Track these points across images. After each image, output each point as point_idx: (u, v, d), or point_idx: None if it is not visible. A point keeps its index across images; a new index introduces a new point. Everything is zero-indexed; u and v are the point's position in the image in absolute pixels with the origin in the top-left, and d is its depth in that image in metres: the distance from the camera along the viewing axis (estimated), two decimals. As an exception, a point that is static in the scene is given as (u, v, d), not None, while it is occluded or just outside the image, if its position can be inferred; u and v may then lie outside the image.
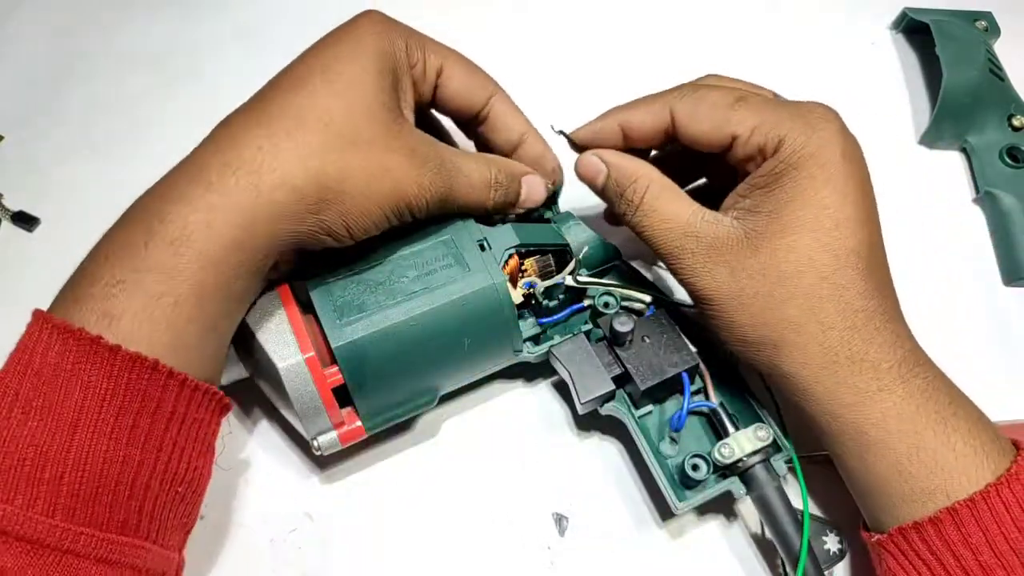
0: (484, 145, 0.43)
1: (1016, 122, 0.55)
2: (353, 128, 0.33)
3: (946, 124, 0.55)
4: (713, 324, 0.37)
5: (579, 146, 0.41)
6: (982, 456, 0.31)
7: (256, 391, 0.42)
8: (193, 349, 0.32)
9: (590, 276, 0.42)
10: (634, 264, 0.44)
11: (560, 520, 0.41)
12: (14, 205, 0.53)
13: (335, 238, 0.34)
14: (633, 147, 0.40)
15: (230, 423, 0.43)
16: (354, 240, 0.35)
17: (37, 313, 0.31)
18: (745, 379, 0.40)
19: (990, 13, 0.60)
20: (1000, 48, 0.58)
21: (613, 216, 0.42)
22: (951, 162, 0.56)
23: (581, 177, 0.40)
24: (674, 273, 0.37)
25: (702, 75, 0.43)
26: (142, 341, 0.30)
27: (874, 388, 0.32)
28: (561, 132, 0.42)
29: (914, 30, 0.61)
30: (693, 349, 0.39)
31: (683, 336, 0.40)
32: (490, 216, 0.41)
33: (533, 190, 0.41)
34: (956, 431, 0.32)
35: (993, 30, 0.59)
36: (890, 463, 0.32)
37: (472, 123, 0.42)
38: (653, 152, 0.43)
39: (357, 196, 0.33)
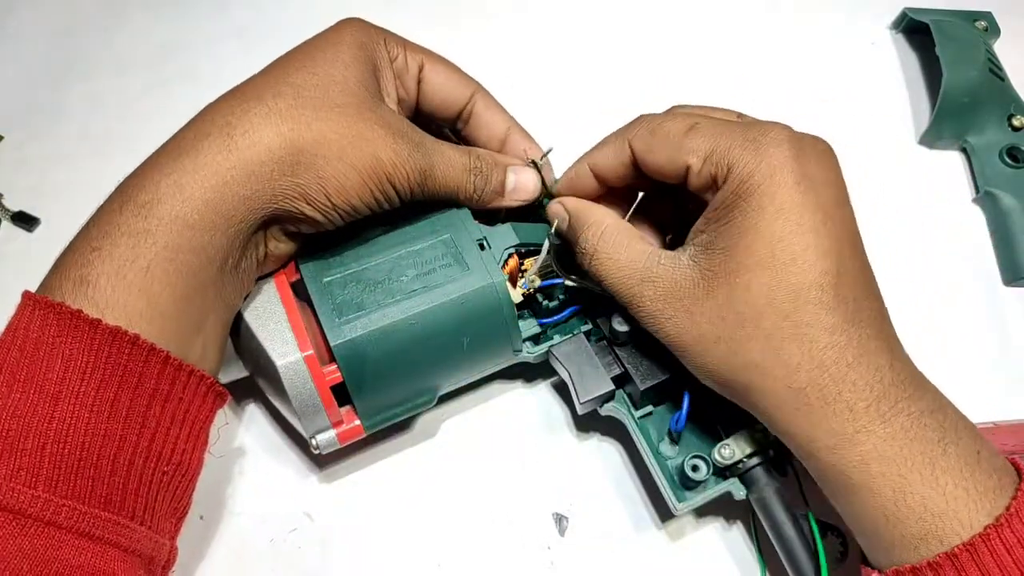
0: (470, 145, 0.43)
1: (1016, 122, 0.55)
2: (327, 96, 0.34)
3: (946, 124, 0.55)
4: (684, 365, 0.35)
5: (563, 198, 0.41)
6: (975, 497, 0.29)
7: (256, 390, 0.42)
8: (170, 319, 0.32)
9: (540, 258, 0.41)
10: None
11: (560, 520, 0.41)
12: (14, 205, 0.53)
13: (315, 206, 0.34)
14: (612, 187, 0.40)
15: (227, 416, 0.43)
16: (338, 212, 0.35)
17: (26, 292, 0.32)
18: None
19: (990, 13, 0.60)
20: (1000, 48, 0.58)
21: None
22: (951, 162, 0.56)
23: (550, 221, 0.40)
24: (637, 320, 0.36)
25: (680, 101, 0.42)
26: (116, 306, 0.30)
27: (851, 430, 0.30)
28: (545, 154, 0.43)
29: (914, 30, 0.61)
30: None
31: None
32: (494, 215, 0.41)
33: (523, 180, 0.41)
34: (946, 472, 0.29)
35: (993, 30, 0.59)
36: (876, 508, 0.30)
37: (456, 122, 0.42)
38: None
39: (333, 160, 0.34)
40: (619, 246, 0.36)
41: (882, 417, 0.30)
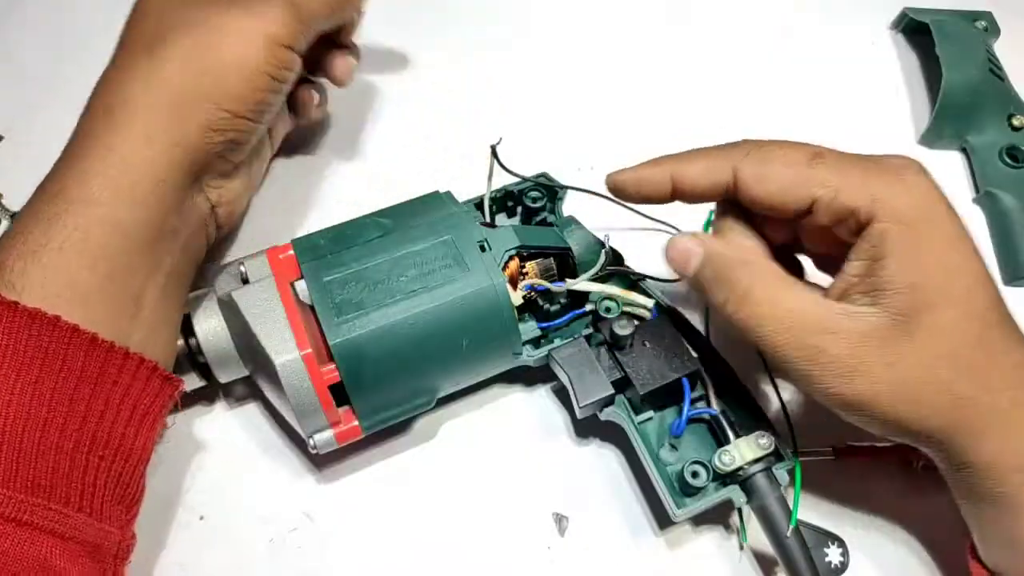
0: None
1: (1016, 122, 0.55)
2: (184, 22, 0.36)
3: (946, 124, 0.55)
4: (857, 423, 0.32)
5: (618, 189, 0.38)
6: None
7: (256, 389, 0.42)
8: (95, 300, 0.32)
9: (591, 280, 0.42)
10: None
11: (560, 520, 0.41)
12: (14, 205, 0.53)
13: (224, 130, 0.36)
14: (680, 200, 0.37)
15: (220, 411, 0.43)
16: (250, 118, 0.37)
17: None
18: (747, 386, 0.40)
19: (990, 13, 0.60)
20: (1000, 48, 0.58)
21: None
22: (951, 162, 0.56)
23: (672, 261, 0.36)
24: (802, 380, 0.32)
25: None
26: (33, 288, 0.31)
27: None
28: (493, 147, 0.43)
29: (914, 30, 0.61)
30: (694, 354, 0.39)
31: (684, 341, 0.40)
32: (493, 215, 0.41)
33: None
34: None
35: (993, 30, 0.59)
36: None
37: None
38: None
39: (215, 80, 0.35)
40: (779, 291, 0.32)
41: None
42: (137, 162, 0.34)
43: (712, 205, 0.49)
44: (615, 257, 0.43)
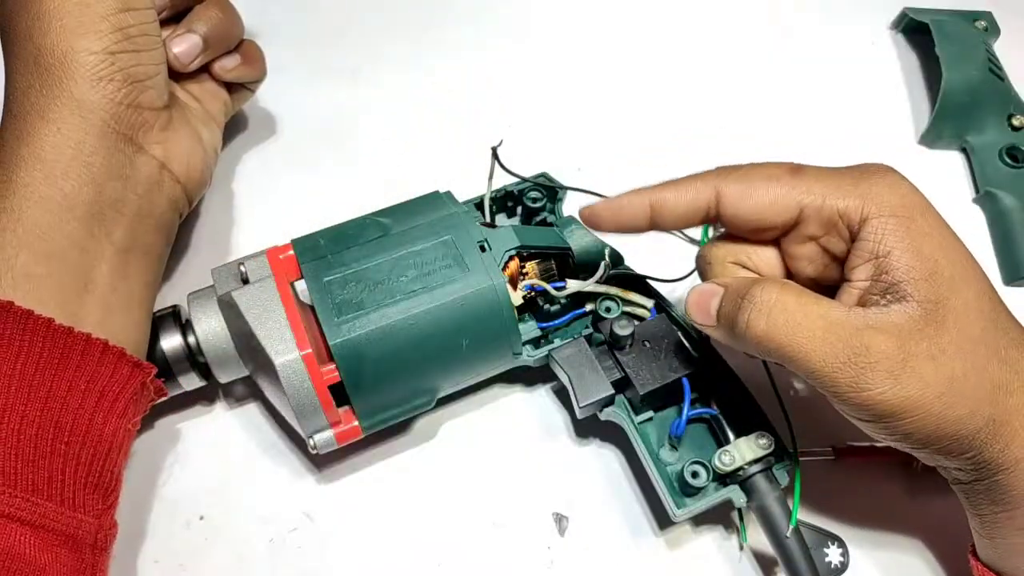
0: None
1: (1016, 122, 0.55)
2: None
3: (946, 124, 0.55)
4: (885, 434, 0.30)
5: (594, 219, 0.37)
6: None
7: (256, 389, 0.42)
8: (41, 282, 0.32)
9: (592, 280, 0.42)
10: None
11: (560, 520, 0.41)
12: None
13: (131, 71, 0.36)
14: (659, 227, 0.36)
15: (217, 414, 0.43)
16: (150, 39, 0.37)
17: None
18: (747, 386, 0.40)
19: (990, 13, 0.60)
20: (1000, 48, 0.58)
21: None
22: (951, 162, 0.56)
23: (693, 306, 0.34)
24: (844, 387, 0.29)
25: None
26: None
27: None
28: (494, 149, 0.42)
29: (914, 30, 0.61)
30: (694, 354, 0.39)
31: (684, 341, 0.40)
32: (493, 215, 0.41)
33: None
34: None
35: (993, 30, 0.59)
36: None
37: None
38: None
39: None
40: (808, 299, 0.30)
41: None
42: (45, 133, 0.34)
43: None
44: (616, 257, 0.43)
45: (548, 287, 0.39)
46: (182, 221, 0.43)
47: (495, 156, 0.42)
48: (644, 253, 0.45)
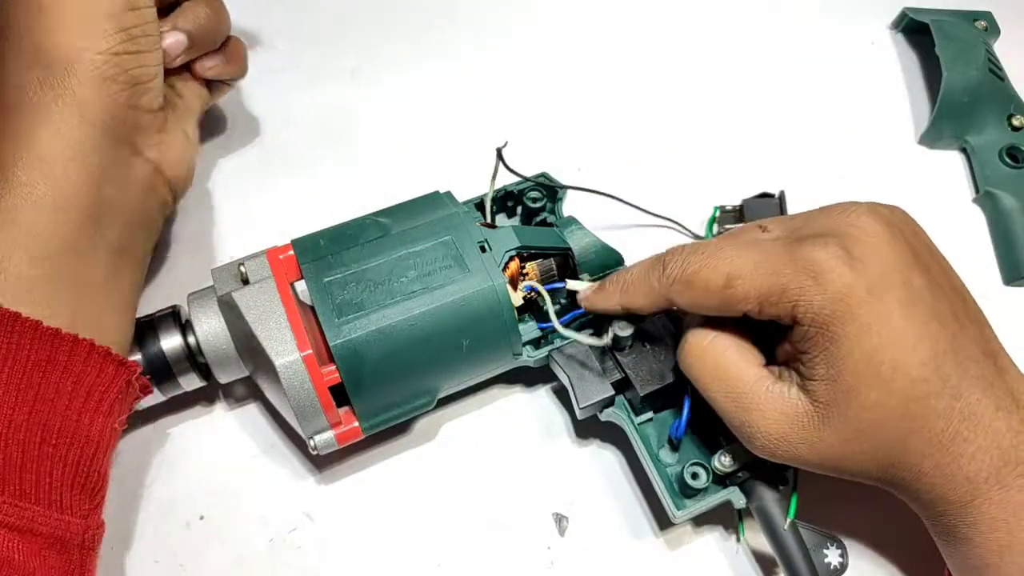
0: None
1: (1016, 122, 0.55)
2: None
3: (946, 124, 0.55)
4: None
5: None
6: None
7: (256, 390, 0.42)
8: (31, 286, 0.32)
9: (593, 281, 0.42)
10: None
11: (560, 520, 0.41)
12: (14, 205, 0.53)
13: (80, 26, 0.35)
14: None
15: (217, 414, 0.43)
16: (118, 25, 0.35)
17: None
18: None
19: (990, 13, 0.60)
20: (1000, 48, 0.58)
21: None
22: (951, 162, 0.56)
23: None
24: (737, 435, 0.35)
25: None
26: None
27: (968, 498, 0.31)
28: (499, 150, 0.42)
29: (914, 30, 0.61)
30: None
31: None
32: (493, 215, 0.41)
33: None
34: None
35: (993, 30, 0.59)
36: (979, 559, 0.31)
37: None
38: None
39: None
40: (725, 356, 0.35)
41: (1000, 484, 0.31)
42: (45, 133, 0.33)
43: (715, 202, 0.50)
44: (618, 258, 0.43)
45: (543, 291, 0.39)
46: (176, 221, 0.43)
47: (500, 157, 0.42)
48: (645, 254, 0.45)
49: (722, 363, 0.35)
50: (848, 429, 0.32)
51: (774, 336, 0.35)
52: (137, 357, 0.38)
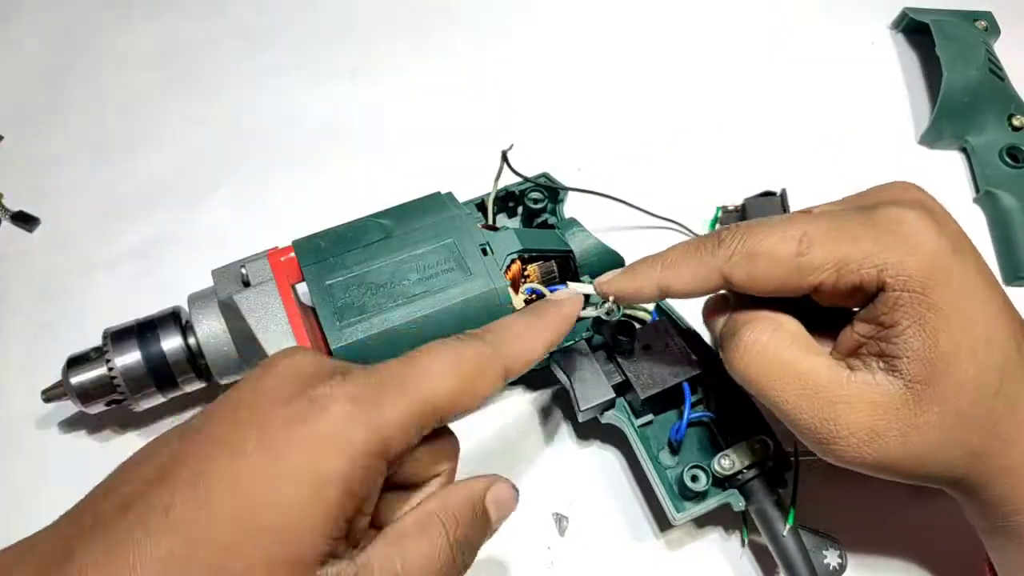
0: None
1: (1016, 122, 0.55)
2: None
3: (946, 124, 0.55)
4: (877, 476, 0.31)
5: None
6: None
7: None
8: None
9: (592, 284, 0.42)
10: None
11: (560, 520, 0.41)
12: (14, 205, 0.53)
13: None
14: None
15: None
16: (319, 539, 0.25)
17: None
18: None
19: (990, 13, 0.60)
20: (1000, 48, 0.58)
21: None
22: (951, 162, 0.56)
23: (705, 318, 0.36)
24: (816, 443, 0.31)
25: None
26: None
27: None
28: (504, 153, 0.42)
29: (914, 30, 0.61)
30: (694, 358, 0.39)
31: (685, 345, 0.40)
32: (495, 216, 0.41)
33: (504, 503, 0.31)
34: None
35: (993, 30, 0.59)
36: None
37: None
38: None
39: None
40: (794, 350, 0.31)
41: None
42: None
43: (715, 202, 0.50)
44: (619, 260, 0.43)
45: (547, 290, 0.39)
46: (176, 221, 0.42)
47: (505, 159, 0.42)
48: (648, 253, 0.45)
49: (788, 358, 0.31)
50: (945, 410, 0.29)
51: (834, 323, 0.32)
52: (137, 357, 0.38)
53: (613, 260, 0.43)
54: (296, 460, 0.24)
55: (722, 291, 0.34)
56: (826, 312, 0.32)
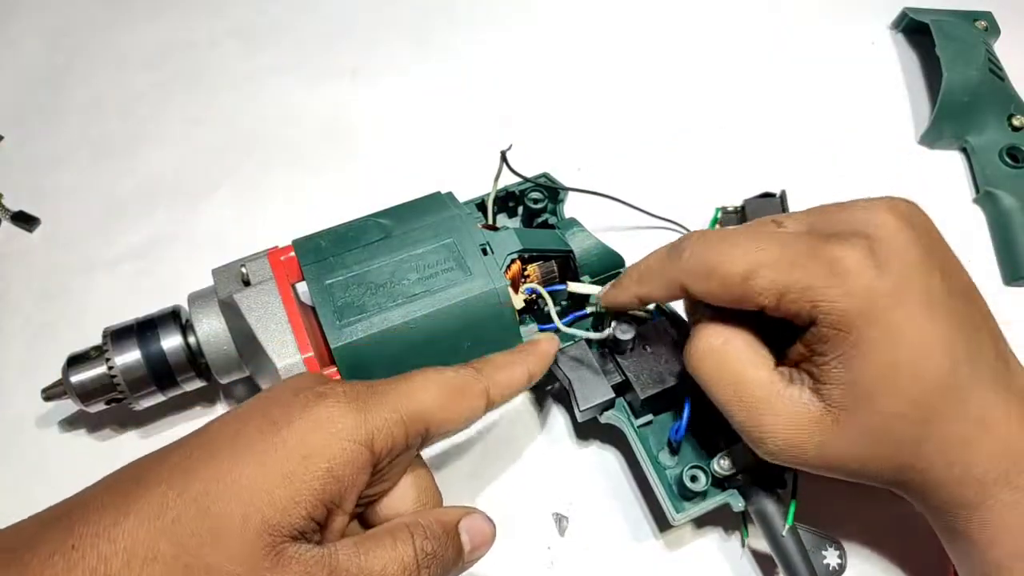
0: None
1: (1016, 122, 0.55)
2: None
3: (946, 124, 0.55)
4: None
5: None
6: None
7: (257, 390, 0.42)
8: None
9: (593, 283, 0.42)
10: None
11: (560, 520, 0.41)
12: (14, 205, 0.53)
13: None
14: None
15: (218, 415, 0.43)
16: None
17: None
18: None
19: (990, 13, 0.60)
20: (1000, 48, 0.58)
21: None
22: (951, 162, 0.56)
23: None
24: (745, 438, 0.34)
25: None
26: None
27: (979, 501, 0.31)
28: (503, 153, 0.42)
29: (914, 30, 0.61)
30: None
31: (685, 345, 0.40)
32: (495, 216, 0.41)
33: (477, 533, 0.32)
34: None
35: (993, 30, 0.59)
36: (991, 562, 0.31)
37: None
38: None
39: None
40: (737, 357, 0.34)
41: (1011, 486, 0.30)
42: None
43: (715, 202, 0.50)
44: (619, 260, 0.43)
45: (547, 294, 0.39)
46: (176, 220, 0.42)
47: (504, 160, 0.42)
48: (647, 252, 0.45)
49: (734, 366, 0.34)
50: (861, 434, 0.31)
51: (786, 334, 0.33)
52: (137, 356, 0.39)
53: (613, 260, 0.43)
54: (289, 434, 0.27)
55: None
56: (785, 322, 0.33)
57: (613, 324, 0.39)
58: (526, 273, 0.40)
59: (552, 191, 0.46)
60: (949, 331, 0.31)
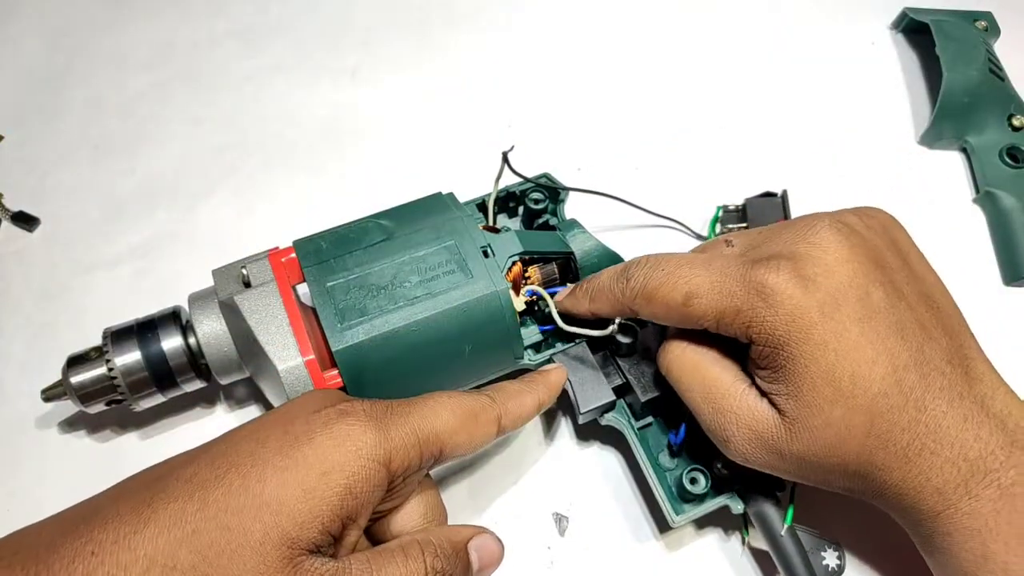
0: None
1: (1016, 122, 0.55)
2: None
3: (946, 124, 0.55)
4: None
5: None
6: None
7: (257, 392, 0.42)
8: None
9: None
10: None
11: (560, 520, 0.41)
12: (14, 205, 0.53)
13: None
14: None
15: (218, 415, 0.43)
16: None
17: None
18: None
19: (990, 13, 0.60)
20: (1000, 48, 0.58)
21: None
22: (951, 162, 0.56)
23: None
24: (711, 437, 0.35)
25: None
26: None
27: (939, 509, 0.31)
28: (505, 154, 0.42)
29: (914, 30, 0.61)
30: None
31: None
32: (495, 217, 0.41)
33: (486, 552, 0.33)
34: None
35: (993, 30, 0.59)
36: (958, 569, 0.31)
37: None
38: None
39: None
40: (699, 363, 0.35)
41: (969, 494, 0.31)
42: None
43: (716, 202, 0.50)
44: (617, 262, 0.43)
45: (549, 298, 0.39)
46: (176, 220, 0.42)
47: (506, 161, 0.42)
48: (648, 252, 0.45)
49: (701, 366, 0.35)
50: (814, 443, 0.32)
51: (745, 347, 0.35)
52: (137, 357, 0.39)
53: (613, 262, 0.43)
54: (311, 450, 0.28)
55: None
56: None
57: (614, 325, 0.39)
58: (527, 275, 0.40)
59: (553, 191, 0.46)
60: (889, 341, 0.31)
